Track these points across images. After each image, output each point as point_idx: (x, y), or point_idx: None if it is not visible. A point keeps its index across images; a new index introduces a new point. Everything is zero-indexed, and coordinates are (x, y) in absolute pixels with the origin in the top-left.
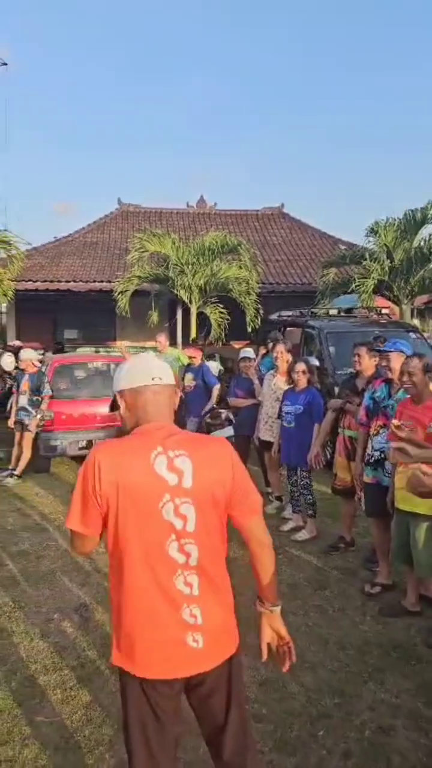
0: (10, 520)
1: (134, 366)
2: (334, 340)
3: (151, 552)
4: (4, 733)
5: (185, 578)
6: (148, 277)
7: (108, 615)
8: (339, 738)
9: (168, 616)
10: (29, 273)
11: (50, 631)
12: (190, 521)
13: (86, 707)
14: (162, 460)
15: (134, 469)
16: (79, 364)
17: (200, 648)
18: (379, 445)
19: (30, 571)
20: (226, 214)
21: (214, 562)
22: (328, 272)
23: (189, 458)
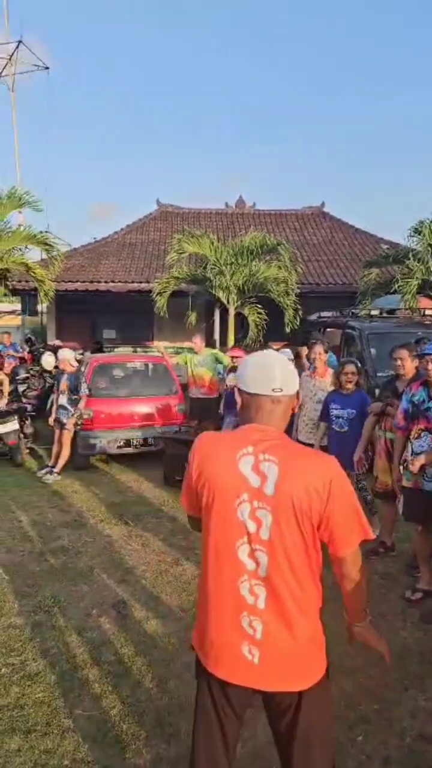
0: (50, 516)
1: (257, 370)
2: (375, 342)
3: (222, 548)
4: (44, 724)
5: (251, 586)
6: (186, 278)
7: (145, 612)
8: (379, 744)
9: (228, 618)
10: (69, 274)
11: (88, 626)
12: (264, 528)
13: (123, 702)
14: (248, 460)
15: (219, 462)
16: (117, 363)
17: (256, 663)
18: (419, 448)
19: (69, 566)
20: (265, 214)
21: (289, 581)
22: (369, 272)
23: (277, 466)
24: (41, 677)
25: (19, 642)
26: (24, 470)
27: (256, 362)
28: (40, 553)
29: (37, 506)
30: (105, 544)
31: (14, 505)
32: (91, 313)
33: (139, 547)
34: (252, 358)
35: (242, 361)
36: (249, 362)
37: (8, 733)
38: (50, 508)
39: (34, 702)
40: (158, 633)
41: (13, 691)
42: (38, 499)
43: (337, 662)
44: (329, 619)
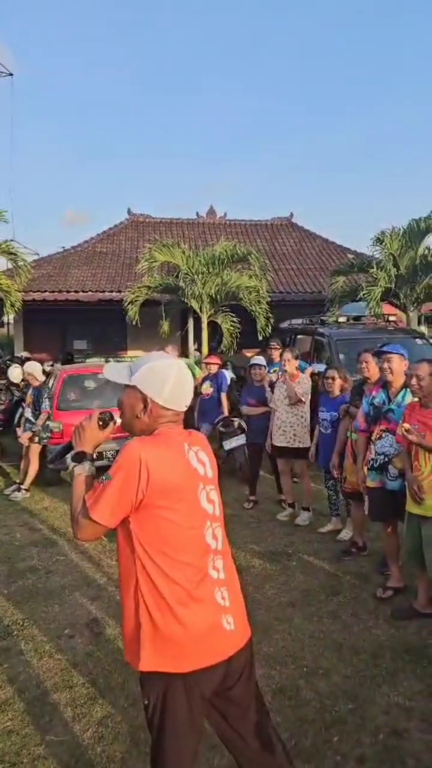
0: (18, 536)
1: (176, 388)
2: (343, 347)
3: (192, 540)
4: (13, 754)
5: (214, 562)
6: (158, 287)
7: (119, 629)
8: (353, 743)
9: (208, 602)
10: (37, 283)
11: (60, 647)
12: (216, 505)
13: (98, 724)
14: (192, 454)
15: (177, 464)
16: (88, 374)
17: (233, 629)
18: (382, 449)
19: (39, 587)
20: (235, 224)
21: (227, 542)
22: (336, 280)
23: (204, 451)
24: (9, 705)
25: None
26: None
27: (176, 377)
28: (8, 574)
29: (4, 525)
30: (77, 561)
31: None
32: (61, 324)
33: (113, 562)
34: (170, 372)
35: (150, 367)
36: (169, 379)
37: None
38: (19, 527)
39: (2, 731)
40: None
41: None
42: (6, 517)
43: (313, 664)
44: (303, 620)
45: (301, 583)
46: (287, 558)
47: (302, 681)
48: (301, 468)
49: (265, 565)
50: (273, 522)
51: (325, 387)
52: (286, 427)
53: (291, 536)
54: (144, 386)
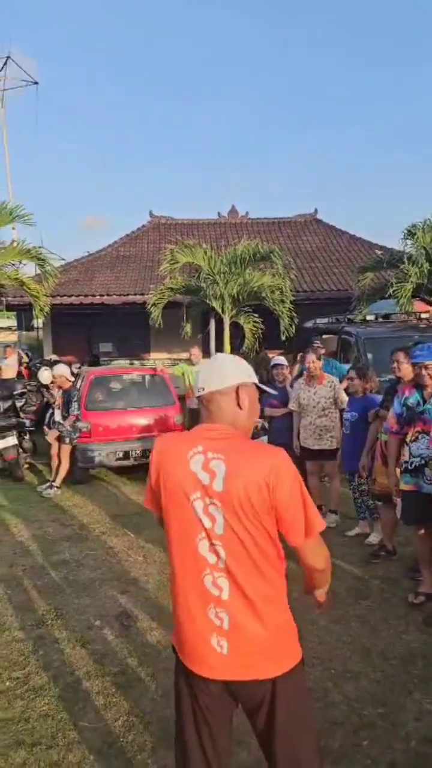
0: (50, 530)
1: (196, 378)
2: (371, 347)
3: (183, 544)
4: (49, 737)
5: (214, 579)
6: (180, 289)
7: (147, 623)
8: (384, 748)
9: (196, 611)
10: (63, 288)
11: (91, 638)
12: (218, 524)
13: (128, 713)
14: (199, 458)
15: (173, 461)
16: (114, 376)
17: (225, 654)
18: (418, 451)
19: (71, 579)
20: (258, 223)
21: (249, 571)
22: (364, 277)
23: (224, 463)
24: (45, 690)
25: (22, 656)
26: (24, 485)
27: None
28: (42, 567)
29: (37, 520)
30: (106, 556)
31: (15, 519)
32: (87, 327)
33: (141, 558)
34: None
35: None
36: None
37: (13, 747)
38: (51, 522)
39: (39, 715)
40: (161, 643)
41: (18, 704)
42: (38, 513)
43: (341, 667)
44: (330, 623)
45: None
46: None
47: (330, 683)
48: (332, 469)
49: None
50: None
51: (348, 387)
52: (321, 431)
53: (344, 534)
54: None
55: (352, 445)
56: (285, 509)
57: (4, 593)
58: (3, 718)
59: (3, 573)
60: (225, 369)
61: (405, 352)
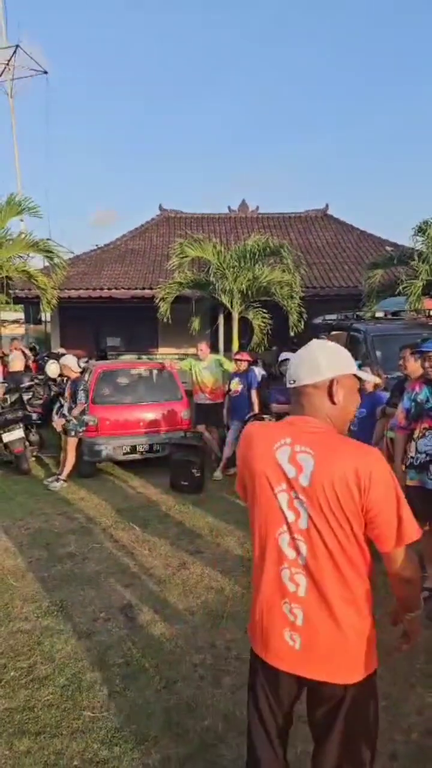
0: (57, 523)
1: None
2: (380, 344)
3: (264, 536)
4: (54, 726)
5: (292, 574)
6: (189, 283)
7: (152, 615)
8: (385, 740)
9: (273, 602)
10: (72, 281)
11: (97, 630)
12: (302, 519)
13: (131, 704)
14: (285, 450)
15: (258, 451)
16: (121, 370)
17: (297, 649)
18: (424, 447)
19: (76, 572)
20: (268, 218)
21: (328, 571)
22: (374, 274)
23: (313, 458)
24: (50, 680)
25: (27, 646)
26: (30, 478)
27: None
28: (48, 559)
29: (44, 513)
30: (112, 549)
31: (22, 512)
32: (95, 321)
33: (146, 551)
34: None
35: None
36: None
37: (18, 735)
38: (57, 515)
39: (44, 704)
40: (165, 635)
41: (22, 694)
42: (45, 506)
43: None
44: None
45: None
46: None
47: None
48: None
49: None
50: None
51: None
52: None
53: None
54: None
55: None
56: (377, 513)
57: (10, 584)
58: (8, 708)
59: (10, 565)
60: (318, 360)
61: (411, 349)
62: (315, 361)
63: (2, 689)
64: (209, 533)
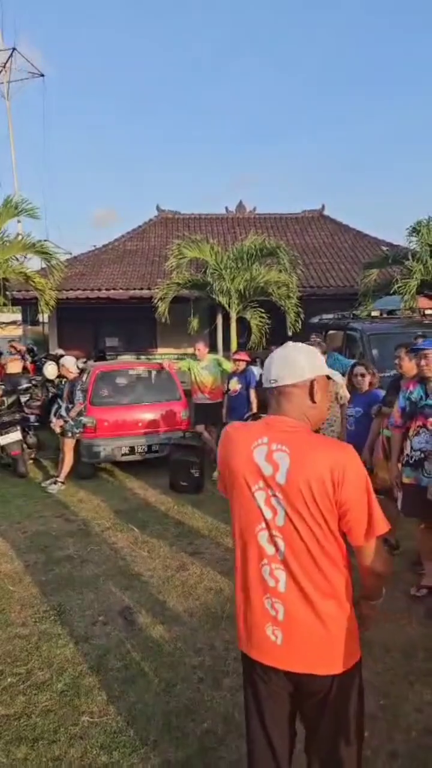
0: (55, 526)
1: (265, 367)
2: (376, 343)
3: (244, 533)
4: (51, 732)
5: (272, 570)
6: (187, 284)
7: (151, 618)
8: (384, 739)
9: (254, 598)
10: (70, 282)
11: (95, 633)
12: (279, 516)
13: (130, 708)
14: (262, 449)
15: (236, 450)
16: (120, 371)
17: (279, 644)
18: (419, 445)
19: (75, 575)
20: (265, 218)
21: (307, 566)
22: (369, 274)
23: (288, 455)
24: (47, 686)
25: (24, 652)
26: (28, 481)
27: (267, 360)
28: (46, 562)
29: (42, 516)
30: (111, 551)
31: (19, 515)
32: (93, 322)
33: (145, 553)
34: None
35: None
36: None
37: (15, 743)
38: (55, 518)
39: (41, 710)
40: (165, 638)
41: (19, 700)
42: (43, 508)
43: None
44: None
45: None
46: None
47: None
48: None
49: None
50: None
51: (353, 383)
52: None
53: None
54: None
55: (356, 441)
56: (349, 508)
57: (8, 589)
58: (5, 714)
59: (7, 569)
60: (300, 361)
61: (406, 347)
62: (297, 362)
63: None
64: (208, 534)
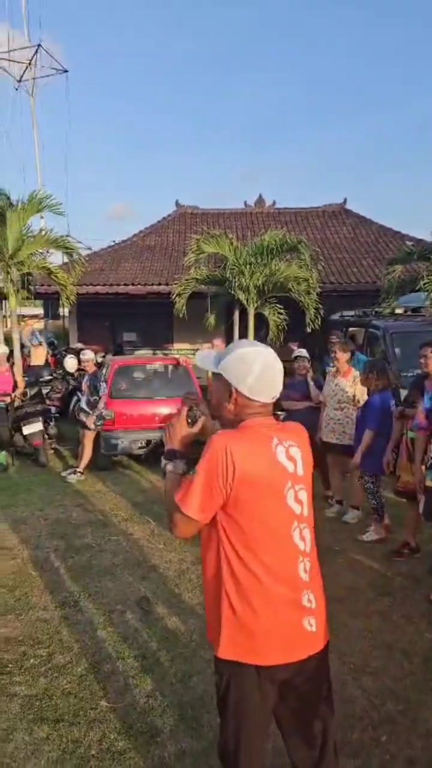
0: (74, 515)
1: (262, 377)
2: (399, 341)
3: (278, 539)
4: (72, 715)
5: (305, 565)
6: (205, 279)
7: (167, 609)
8: (403, 744)
9: (289, 601)
10: (89, 277)
11: (113, 621)
12: (305, 506)
13: (148, 696)
14: (280, 449)
15: (263, 459)
16: (138, 365)
17: (314, 631)
18: None
19: (93, 564)
20: (285, 213)
21: (314, 542)
22: (393, 269)
23: (298, 448)
24: (68, 669)
25: (46, 635)
26: (49, 470)
27: (262, 370)
28: (66, 550)
29: (62, 505)
30: (128, 542)
31: (40, 503)
32: (112, 316)
33: (161, 545)
34: (256, 361)
35: (236, 354)
36: (253, 368)
37: (37, 722)
38: (75, 507)
39: (62, 693)
40: (180, 630)
41: (41, 681)
42: (63, 498)
43: (361, 662)
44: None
45: (348, 581)
46: (334, 555)
47: (349, 677)
48: (352, 465)
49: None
50: (320, 518)
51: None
52: (334, 424)
53: (338, 533)
54: (229, 374)
55: (359, 443)
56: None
57: (29, 574)
58: (27, 694)
59: (30, 554)
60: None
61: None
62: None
63: (22, 676)
64: None
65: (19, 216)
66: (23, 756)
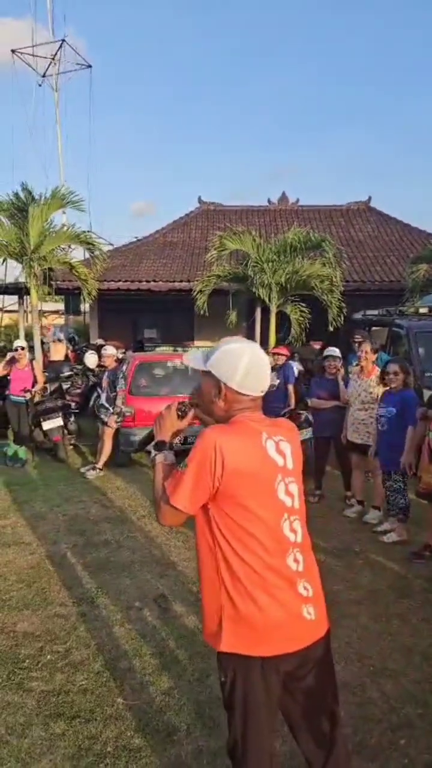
0: (93, 511)
1: (250, 372)
2: (423, 340)
3: (269, 532)
4: (88, 711)
5: (294, 556)
6: (227, 276)
7: (185, 607)
8: (422, 749)
9: (286, 592)
10: (111, 273)
11: (131, 618)
12: (295, 498)
13: (164, 694)
14: (270, 444)
15: (253, 452)
16: (158, 362)
17: (313, 619)
18: None
19: (112, 560)
20: (309, 210)
21: (306, 531)
22: (418, 268)
23: (288, 442)
24: (85, 666)
25: (64, 631)
26: (68, 466)
27: (250, 360)
28: (84, 546)
29: (80, 500)
30: (146, 539)
31: (59, 499)
32: (133, 313)
33: (180, 543)
34: (243, 356)
35: (223, 350)
36: (241, 362)
37: (54, 718)
38: (93, 503)
39: (79, 689)
40: (198, 628)
41: (58, 677)
42: (81, 493)
43: (380, 664)
44: (370, 620)
45: (368, 582)
46: (354, 555)
47: (368, 680)
48: (374, 465)
49: (331, 561)
50: (340, 518)
51: (385, 381)
52: (358, 424)
53: (358, 534)
54: (218, 371)
55: (390, 441)
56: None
57: (48, 569)
58: (44, 690)
59: (49, 550)
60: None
61: None
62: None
63: (39, 671)
64: None
65: (42, 211)
66: (39, 752)
